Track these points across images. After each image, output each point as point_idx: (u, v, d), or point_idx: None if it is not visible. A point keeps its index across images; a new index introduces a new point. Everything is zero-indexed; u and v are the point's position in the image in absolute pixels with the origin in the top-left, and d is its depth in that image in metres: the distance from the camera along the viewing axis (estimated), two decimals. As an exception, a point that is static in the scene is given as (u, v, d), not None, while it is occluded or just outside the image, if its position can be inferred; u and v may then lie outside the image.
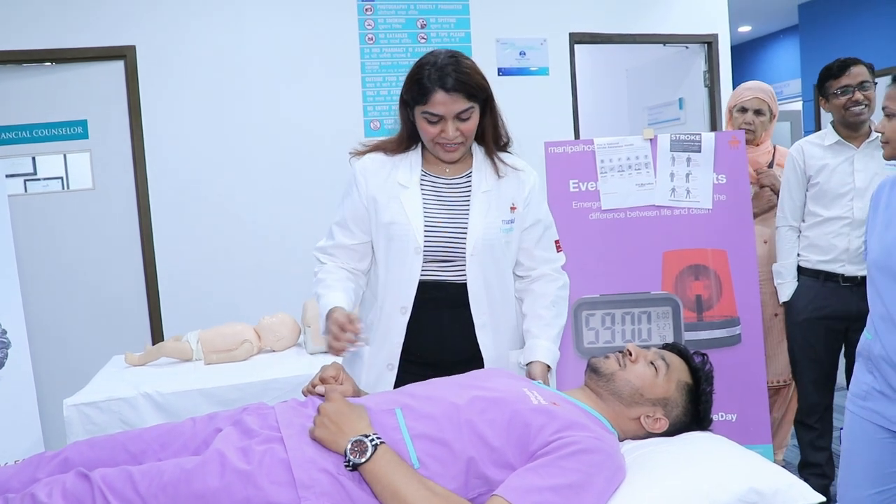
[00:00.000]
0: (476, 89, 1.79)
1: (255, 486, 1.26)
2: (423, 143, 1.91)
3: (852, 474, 1.97)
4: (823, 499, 1.30)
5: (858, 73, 2.67)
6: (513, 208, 1.92)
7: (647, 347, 1.66)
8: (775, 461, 3.11)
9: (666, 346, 1.70)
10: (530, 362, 1.85)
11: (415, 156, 1.93)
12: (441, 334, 1.88)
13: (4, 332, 2.72)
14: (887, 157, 1.93)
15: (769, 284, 2.97)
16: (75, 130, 3.96)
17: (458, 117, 1.78)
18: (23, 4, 3.82)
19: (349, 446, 1.31)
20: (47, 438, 2.81)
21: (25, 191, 3.98)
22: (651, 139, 2.76)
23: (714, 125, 4.76)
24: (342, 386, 1.61)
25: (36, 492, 1.24)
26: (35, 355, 2.88)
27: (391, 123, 4.28)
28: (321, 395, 1.56)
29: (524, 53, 4.46)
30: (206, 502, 1.25)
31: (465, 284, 1.87)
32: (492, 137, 1.93)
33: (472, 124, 1.83)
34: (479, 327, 1.87)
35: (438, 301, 1.87)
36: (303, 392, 1.64)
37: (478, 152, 1.95)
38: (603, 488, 1.30)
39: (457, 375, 1.71)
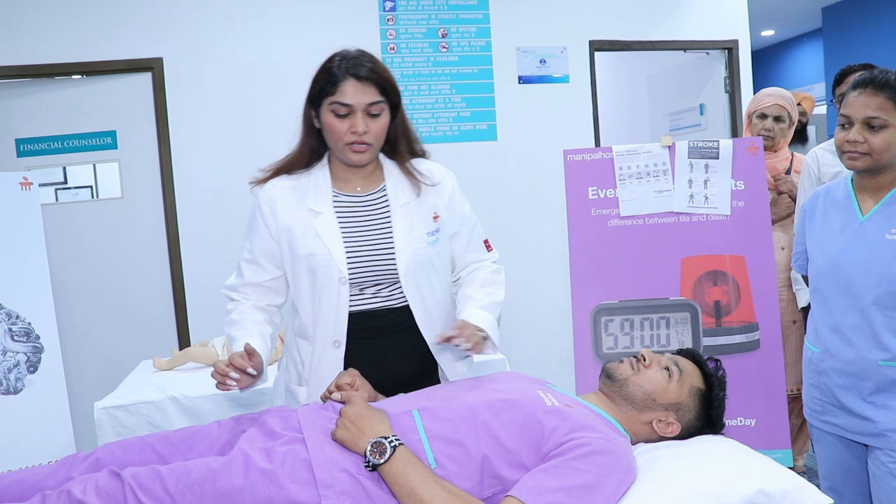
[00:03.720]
0: (388, 85, 1.72)
1: (277, 485, 1.31)
2: (329, 157, 1.82)
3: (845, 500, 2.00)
4: (831, 501, 1.32)
5: None
6: (435, 217, 1.83)
7: (662, 353, 1.69)
8: (795, 466, 3.11)
9: (680, 352, 1.73)
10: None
11: (322, 174, 1.81)
12: (385, 361, 1.79)
13: (38, 336, 2.79)
14: (859, 168, 1.86)
15: (787, 291, 2.98)
16: (104, 141, 4.05)
17: (369, 112, 1.69)
18: (53, 19, 3.92)
19: (369, 447, 1.35)
20: (79, 440, 2.87)
21: (56, 200, 4.08)
22: (669, 146, 2.78)
23: (735, 131, 4.76)
24: (359, 392, 1.65)
25: (71, 489, 1.30)
26: (67, 359, 2.94)
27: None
28: (339, 402, 1.60)
29: (544, 61, 4.49)
30: (231, 500, 1.30)
31: (405, 307, 1.79)
32: (405, 148, 1.84)
33: (382, 124, 1.73)
34: (432, 344, 1.81)
35: (377, 330, 1.79)
36: (321, 398, 1.69)
37: (388, 164, 1.85)
38: (613, 489, 1.34)
39: (473, 378, 1.75)
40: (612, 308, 2.75)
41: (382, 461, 1.33)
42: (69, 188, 4.10)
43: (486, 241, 1.95)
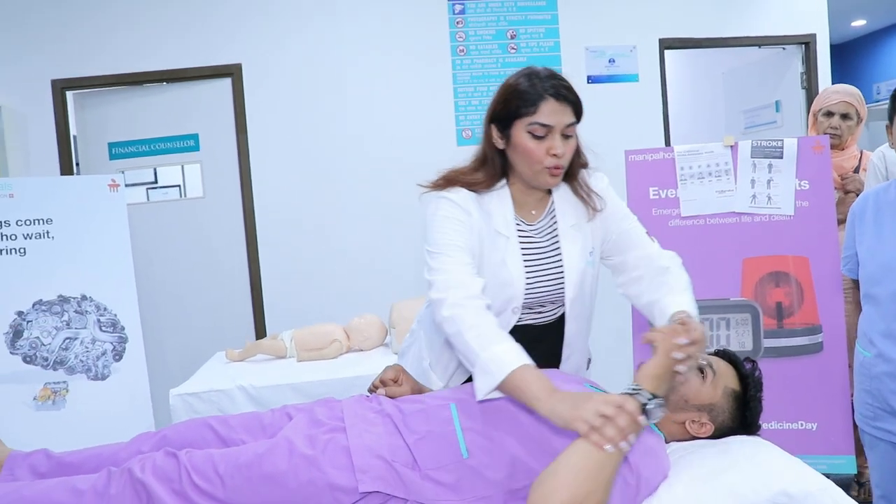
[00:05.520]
0: (581, 105, 1.64)
1: (318, 469, 1.40)
2: (508, 179, 1.74)
3: None
4: (855, 504, 1.32)
5: None
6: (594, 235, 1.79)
7: (698, 353, 1.69)
8: (864, 475, 3.02)
9: (716, 353, 1.73)
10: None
11: (504, 197, 1.73)
12: None
13: (123, 327, 3.01)
14: None
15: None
16: (188, 144, 4.28)
17: (564, 134, 1.62)
18: (140, 31, 4.19)
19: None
20: (158, 422, 3.05)
21: (147, 199, 4.34)
22: (731, 146, 2.76)
23: (812, 128, 4.63)
24: (400, 388, 1.74)
25: (132, 467, 1.42)
26: (149, 349, 3.15)
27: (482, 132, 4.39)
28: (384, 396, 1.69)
29: (613, 61, 4.48)
30: (276, 482, 1.39)
31: (558, 320, 1.80)
32: (577, 165, 1.76)
33: (573, 145, 1.66)
34: (565, 359, 1.85)
35: (530, 339, 1.67)
36: (368, 391, 1.78)
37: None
38: (643, 487, 1.37)
39: None
40: (671, 309, 2.74)
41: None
42: (159, 188, 4.35)
43: (647, 233, 1.84)
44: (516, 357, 1.40)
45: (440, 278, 1.56)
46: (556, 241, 1.76)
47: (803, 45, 4.63)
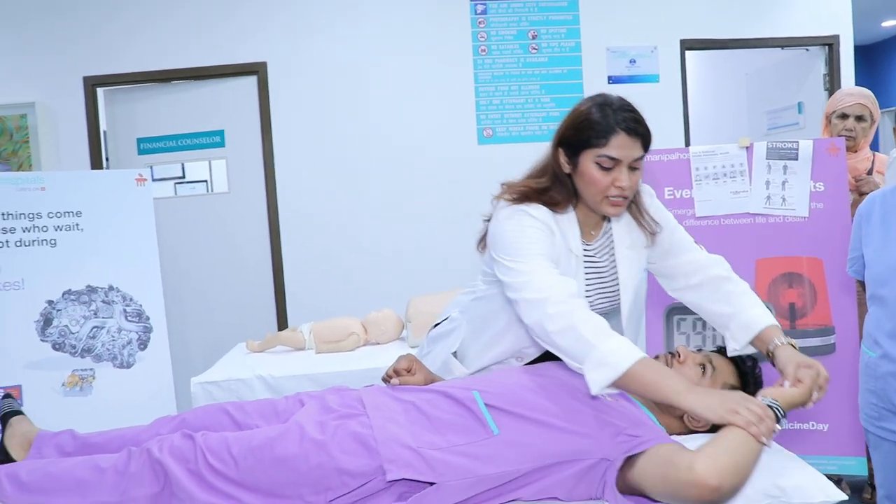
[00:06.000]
0: (650, 139, 1.66)
1: (327, 453, 1.45)
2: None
3: None
4: (846, 497, 1.34)
5: None
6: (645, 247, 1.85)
7: (699, 350, 1.73)
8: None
9: (719, 350, 1.77)
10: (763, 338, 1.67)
11: (572, 217, 1.76)
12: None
13: (148, 318, 3.11)
14: None
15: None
16: (214, 140, 4.37)
17: (631, 167, 1.64)
18: (168, 30, 4.30)
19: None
20: (180, 409, 3.14)
21: (175, 193, 4.44)
22: (747, 147, 2.78)
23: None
24: (414, 377, 1.79)
25: (150, 447, 1.49)
26: (173, 339, 3.24)
27: (503, 131, 4.44)
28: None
29: (634, 61, 4.50)
30: (286, 465, 1.45)
31: None
32: (637, 194, 1.80)
33: (639, 177, 1.68)
34: None
35: None
36: (382, 380, 1.83)
37: None
38: None
39: (524, 367, 1.83)
40: (685, 307, 2.75)
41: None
42: (186, 182, 4.44)
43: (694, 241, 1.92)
44: (636, 350, 1.44)
45: (532, 279, 1.58)
46: (614, 261, 1.82)
47: (827, 47, 4.61)
